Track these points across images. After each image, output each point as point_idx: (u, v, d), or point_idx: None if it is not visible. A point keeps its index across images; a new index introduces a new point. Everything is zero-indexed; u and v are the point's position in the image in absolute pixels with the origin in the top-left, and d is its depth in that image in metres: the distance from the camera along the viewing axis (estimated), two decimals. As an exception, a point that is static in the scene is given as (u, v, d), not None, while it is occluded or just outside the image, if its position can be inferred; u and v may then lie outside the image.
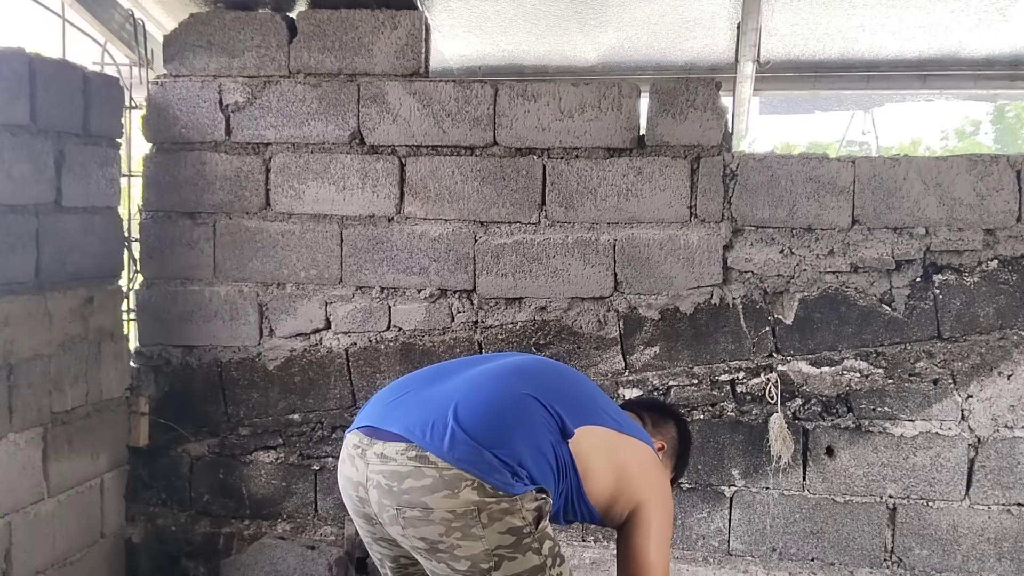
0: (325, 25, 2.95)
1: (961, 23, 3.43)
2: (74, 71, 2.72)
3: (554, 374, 1.92)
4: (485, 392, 1.75)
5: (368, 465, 1.67)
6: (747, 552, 2.87)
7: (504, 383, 1.80)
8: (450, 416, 1.67)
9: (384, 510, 1.65)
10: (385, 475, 1.64)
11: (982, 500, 2.76)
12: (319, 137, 2.95)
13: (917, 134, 14.99)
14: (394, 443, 1.65)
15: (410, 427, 1.67)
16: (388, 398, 1.82)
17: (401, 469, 1.62)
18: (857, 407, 2.79)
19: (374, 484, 1.65)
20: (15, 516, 2.48)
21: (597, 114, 2.82)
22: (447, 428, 1.64)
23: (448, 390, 1.76)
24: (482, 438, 1.64)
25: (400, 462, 1.62)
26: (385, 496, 1.64)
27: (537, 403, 1.75)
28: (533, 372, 1.88)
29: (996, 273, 2.73)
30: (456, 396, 1.73)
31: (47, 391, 2.59)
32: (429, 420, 1.67)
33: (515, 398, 1.75)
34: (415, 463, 1.62)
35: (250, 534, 3.02)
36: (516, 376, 1.83)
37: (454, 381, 1.81)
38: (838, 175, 2.75)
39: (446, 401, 1.71)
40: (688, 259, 2.82)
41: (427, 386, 1.82)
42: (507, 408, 1.72)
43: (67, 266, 2.67)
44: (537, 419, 1.73)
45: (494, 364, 1.89)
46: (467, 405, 1.70)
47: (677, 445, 2.13)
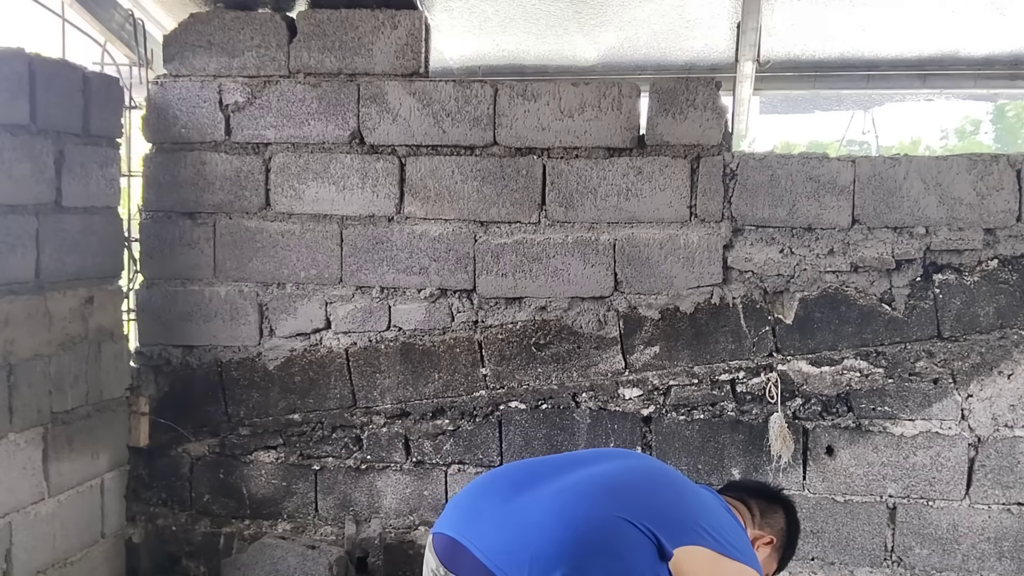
0: (325, 25, 2.94)
1: (961, 23, 3.43)
2: (74, 71, 2.72)
3: (650, 485, 1.77)
4: (573, 516, 1.61)
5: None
6: (747, 552, 2.86)
7: (595, 503, 1.66)
8: (533, 546, 1.55)
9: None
10: None
11: (982, 499, 2.76)
12: (319, 137, 2.95)
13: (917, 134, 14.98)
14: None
15: (487, 553, 1.58)
16: (472, 502, 1.73)
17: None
18: (857, 406, 2.79)
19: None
20: (15, 516, 2.48)
21: (597, 114, 2.82)
22: (527, 562, 1.54)
23: (536, 508, 1.64)
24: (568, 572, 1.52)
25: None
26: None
27: (630, 527, 1.61)
28: (627, 486, 1.74)
29: (996, 272, 2.73)
30: (542, 519, 1.61)
31: (47, 391, 2.59)
32: (511, 549, 1.57)
33: (606, 525, 1.61)
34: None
35: (250, 534, 3.02)
36: (608, 494, 1.69)
37: (542, 494, 1.67)
38: (838, 175, 2.75)
39: (530, 524, 1.60)
40: (688, 259, 2.82)
41: (514, 496, 1.69)
42: (597, 537, 1.58)
43: (67, 266, 2.67)
44: (628, 548, 1.59)
45: (585, 474, 1.75)
46: (551, 535, 1.57)
47: (785, 537, 1.98)
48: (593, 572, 1.53)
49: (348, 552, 2.95)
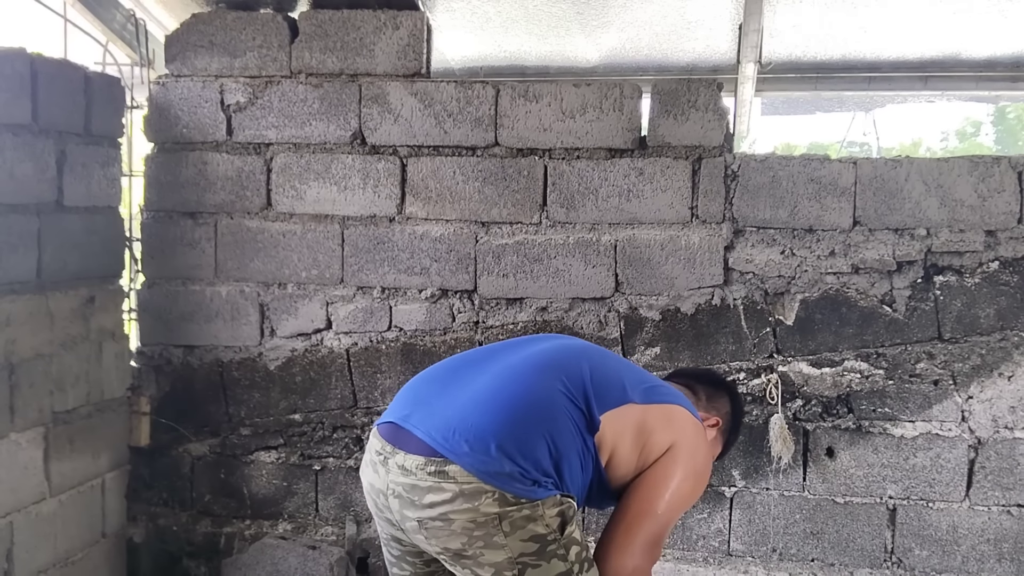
0: (327, 25, 2.95)
1: (962, 24, 3.43)
2: (76, 71, 2.73)
3: (580, 359, 1.82)
4: (509, 394, 1.71)
5: (389, 474, 1.66)
6: (747, 552, 2.87)
7: (530, 380, 1.74)
8: (471, 422, 1.64)
9: (405, 520, 1.65)
10: (406, 488, 1.63)
11: (982, 501, 2.76)
12: (320, 137, 2.95)
13: (918, 135, 15.00)
14: (414, 456, 1.64)
15: (431, 433, 1.65)
16: (416, 392, 1.80)
17: (421, 484, 1.61)
18: (857, 408, 2.79)
19: (395, 494, 1.65)
20: (17, 516, 2.48)
21: (599, 115, 2.83)
22: (467, 437, 1.62)
23: (474, 390, 1.72)
24: (504, 446, 1.61)
25: (420, 477, 1.61)
26: (407, 508, 1.64)
27: (564, 398, 1.71)
28: (558, 362, 1.80)
29: (997, 274, 2.73)
30: (480, 398, 1.69)
31: (48, 391, 2.59)
32: (451, 426, 1.64)
33: (540, 399, 1.70)
34: (435, 479, 1.60)
35: (251, 534, 3.03)
36: (543, 371, 1.77)
37: (481, 379, 1.76)
38: (839, 176, 2.75)
39: (469, 404, 1.68)
40: (689, 260, 2.82)
41: (454, 381, 1.78)
42: (531, 411, 1.68)
43: (68, 266, 2.67)
44: (562, 419, 1.69)
45: (522, 355, 1.83)
46: (489, 410, 1.67)
47: (730, 420, 2.06)
48: (527, 441, 1.63)
49: (349, 552, 2.95)
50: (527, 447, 1.63)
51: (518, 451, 1.61)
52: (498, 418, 1.65)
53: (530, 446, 1.63)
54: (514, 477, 1.60)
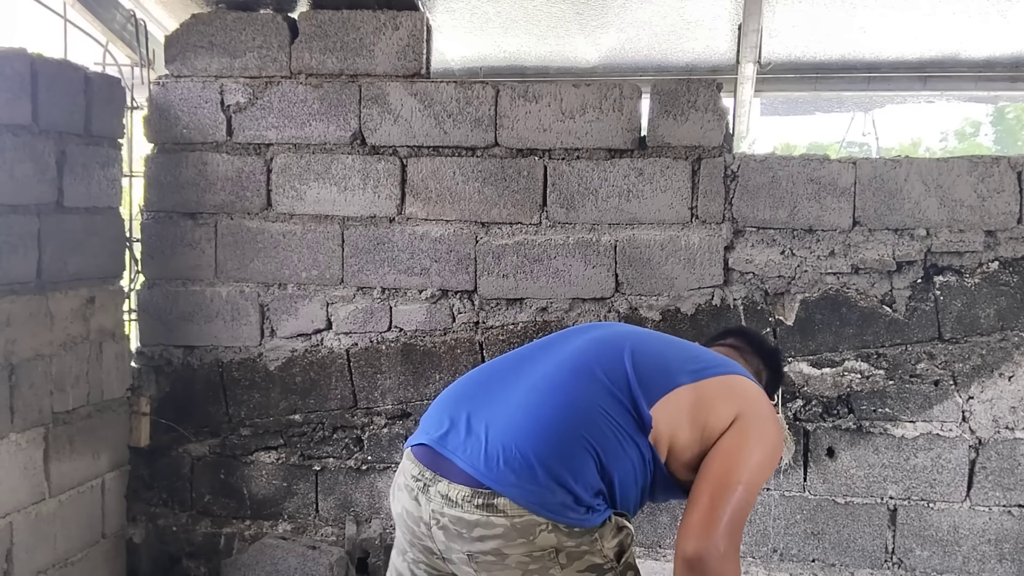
0: (326, 26, 2.95)
1: (962, 25, 3.43)
2: (76, 71, 2.73)
3: (620, 347, 1.71)
4: (549, 408, 1.60)
5: (431, 503, 1.56)
6: (748, 553, 2.87)
7: (568, 389, 1.64)
8: (513, 448, 1.54)
9: (453, 552, 1.56)
10: (452, 520, 1.53)
11: (983, 501, 2.76)
12: (320, 138, 2.95)
13: (917, 135, 15.02)
14: (459, 486, 1.54)
15: (472, 463, 1.55)
16: (450, 409, 1.68)
17: (469, 517, 1.52)
18: (858, 408, 2.79)
19: (439, 525, 1.55)
20: (16, 516, 2.48)
21: (598, 115, 2.83)
22: (512, 465, 1.52)
23: (511, 408, 1.62)
24: (551, 470, 1.51)
25: (467, 509, 1.52)
26: (454, 540, 1.54)
27: (608, 400, 1.61)
28: (599, 359, 1.69)
29: (997, 274, 2.73)
30: (518, 418, 1.59)
31: (48, 391, 2.59)
32: (492, 454, 1.54)
33: (581, 409, 1.60)
34: (483, 512, 1.51)
35: (251, 534, 3.02)
36: (580, 375, 1.66)
37: (517, 393, 1.65)
38: (839, 176, 2.76)
39: (509, 425, 1.58)
40: (689, 260, 2.82)
41: (488, 397, 1.67)
42: (573, 425, 1.57)
43: (68, 266, 2.67)
44: (608, 428, 1.59)
45: (558, 359, 1.72)
46: (530, 431, 1.56)
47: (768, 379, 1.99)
48: (573, 460, 1.54)
49: (349, 552, 2.95)
50: (575, 467, 1.53)
51: (568, 473, 1.52)
52: (540, 439, 1.55)
53: (577, 465, 1.54)
54: (567, 505, 1.51)
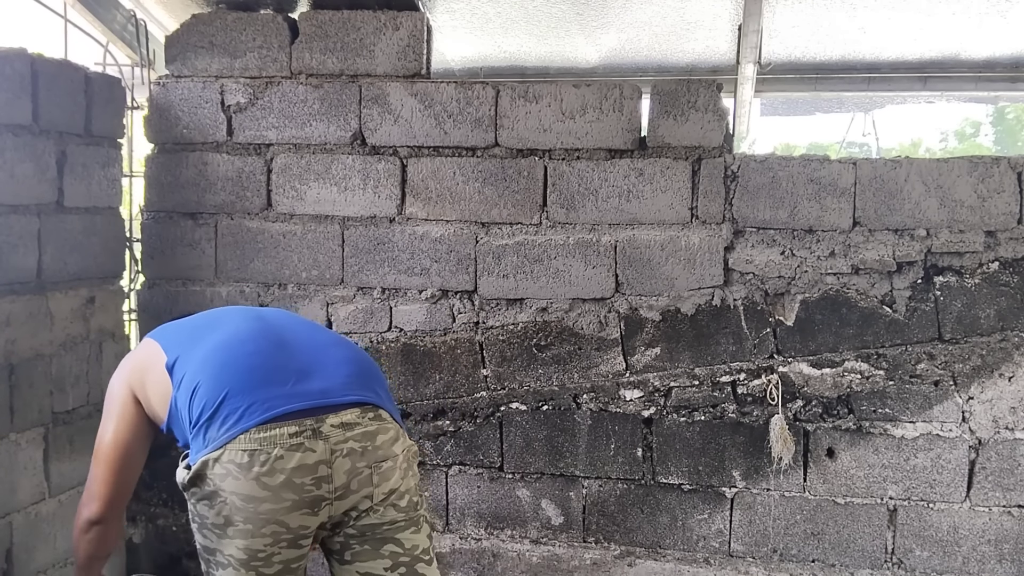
0: (327, 26, 2.95)
1: (962, 25, 3.44)
2: (76, 71, 2.73)
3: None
4: (350, 348, 1.96)
5: (330, 439, 1.71)
6: (748, 553, 2.87)
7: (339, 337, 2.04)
8: (362, 375, 1.84)
9: (355, 474, 1.73)
10: (356, 439, 1.73)
11: (983, 502, 2.76)
12: (321, 138, 2.96)
13: (917, 136, 15.04)
14: (348, 410, 1.75)
15: (344, 392, 1.77)
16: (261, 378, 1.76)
17: (370, 428, 1.75)
18: (858, 409, 2.79)
19: (344, 453, 1.71)
20: (16, 516, 2.48)
21: (598, 115, 2.83)
22: (370, 385, 1.83)
23: (318, 357, 1.86)
24: (384, 387, 1.89)
25: (365, 423, 1.75)
26: (360, 459, 1.73)
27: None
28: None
29: (997, 275, 2.73)
30: (342, 357, 1.87)
31: (48, 391, 2.59)
32: (354, 382, 1.81)
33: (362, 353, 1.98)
34: (377, 421, 1.77)
35: (251, 534, 3.02)
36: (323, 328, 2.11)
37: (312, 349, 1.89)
38: (839, 177, 2.76)
39: (342, 363, 1.85)
40: (689, 260, 2.82)
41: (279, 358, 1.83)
42: (367, 362, 1.94)
43: (69, 266, 2.67)
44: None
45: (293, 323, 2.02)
46: (361, 362, 1.89)
47: None
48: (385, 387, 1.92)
49: (348, 553, 2.94)
50: (385, 387, 1.92)
51: (388, 390, 1.91)
52: (370, 365, 1.91)
53: (386, 388, 1.92)
54: (398, 415, 1.87)
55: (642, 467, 2.89)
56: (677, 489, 2.88)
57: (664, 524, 2.90)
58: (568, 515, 2.94)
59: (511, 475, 2.96)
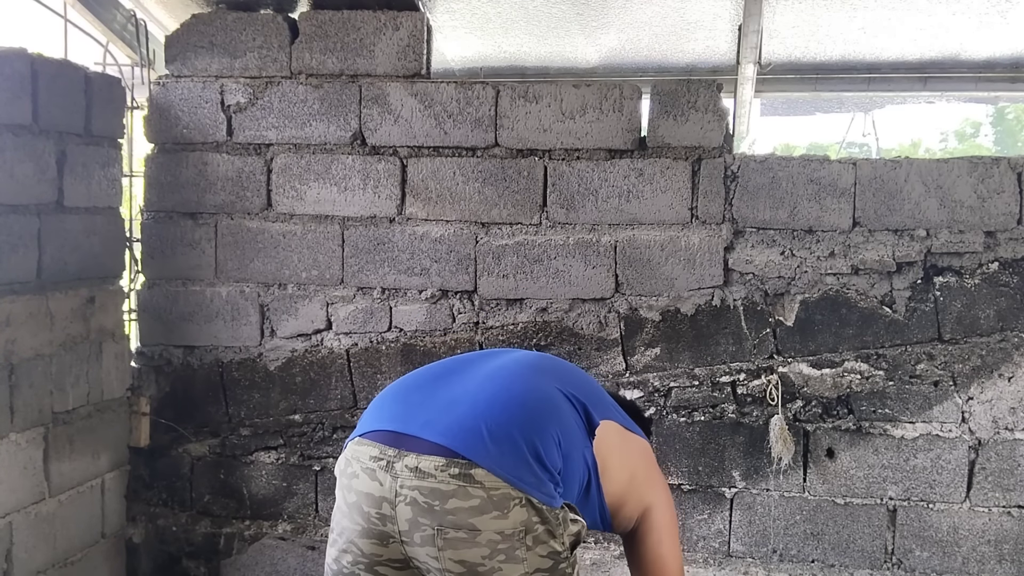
0: (327, 26, 2.95)
1: (962, 25, 3.44)
2: (76, 71, 2.73)
3: (561, 366, 1.82)
4: (514, 390, 1.61)
5: (398, 479, 1.50)
6: (747, 553, 2.87)
7: (529, 379, 1.65)
8: (489, 419, 1.52)
9: (419, 528, 1.50)
10: (423, 492, 1.47)
11: (982, 502, 2.76)
12: (320, 138, 2.95)
13: (917, 136, 15.04)
14: (430, 456, 1.49)
15: (445, 433, 1.51)
16: (400, 401, 1.65)
17: (443, 487, 1.47)
18: (858, 409, 2.79)
19: (407, 501, 1.49)
20: (16, 516, 2.48)
21: (598, 115, 2.83)
22: (491, 434, 1.50)
23: (475, 392, 1.60)
24: (528, 439, 1.51)
25: (441, 479, 1.47)
26: (423, 515, 1.48)
27: (563, 396, 1.64)
28: (546, 366, 1.76)
29: (997, 275, 2.73)
30: (487, 397, 1.58)
31: (48, 391, 2.59)
32: (466, 425, 1.52)
33: (545, 395, 1.62)
34: (459, 481, 1.47)
35: (251, 534, 3.02)
36: (535, 370, 1.70)
37: (472, 380, 1.65)
38: (839, 177, 2.76)
39: (479, 403, 1.56)
40: (689, 260, 2.82)
41: (442, 387, 1.65)
42: (541, 404, 1.59)
43: (69, 266, 2.67)
44: (568, 414, 1.62)
45: (506, 360, 1.74)
46: (503, 405, 1.56)
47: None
48: (543, 436, 1.56)
49: (348, 553, 2.95)
50: (546, 442, 1.53)
51: (541, 446, 1.52)
52: (515, 411, 1.55)
53: (548, 440, 1.54)
54: (540, 479, 1.51)
55: (642, 467, 2.89)
56: (677, 489, 2.88)
57: (664, 524, 2.90)
58: (568, 515, 2.94)
59: (511, 475, 2.95)
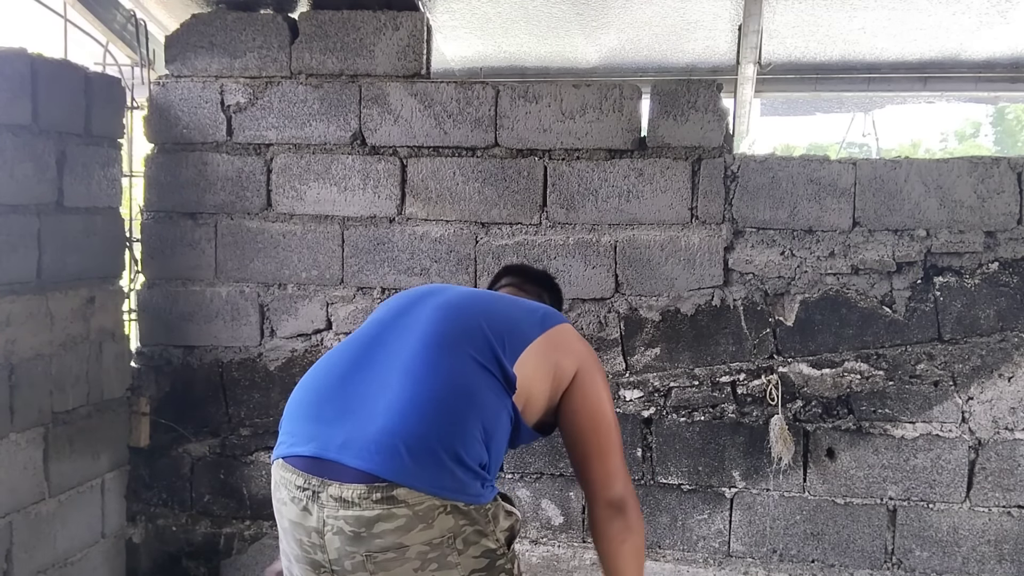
0: (327, 26, 2.95)
1: (962, 25, 3.43)
2: (76, 71, 2.73)
3: (474, 314, 1.70)
4: (430, 391, 1.55)
5: (324, 510, 1.47)
6: (747, 553, 2.87)
7: (443, 367, 1.59)
8: (406, 433, 1.47)
9: (348, 557, 1.47)
10: (349, 521, 1.45)
11: (982, 502, 2.76)
12: (320, 138, 2.95)
13: (917, 136, 15.05)
14: (352, 485, 1.45)
15: (362, 456, 1.46)
16: (313, 418, 1.58)
17: (368, 514, 1.44)
18: (858, 409, 2.79)
19: (335, 531, 1.47)
20: (16, 516, 2.48)
21: (598, 115, 2.83)
22: (410, 451, 1.46)
23: (388, 396, 1.54)
24: (450, 449, 1.48)
25: (365, 507, 1.44)
26: (351, 543, 1.46)
27: (480, 373, 1.59)
28: (460, 330, 1.66)
29: (997, 275, 2.73)
30: (401, 404, 1.52)
31: (48, 391, 2.59)
32: (383, 443, 1.47)
33: (462, 383, 1.57)
34: (383, 506, 1.44)
35: (251, 534, 3.02)
36: (448, 350, 1.61)
37: (387, 378, 1.58)
38: (839, 177, 2.76)
39: (392, 413, 1.51)
40: (689, 260, 2.82)
41: (354, 391, 1.59)
42: (459, 401, 1.55)
43: (68, 266, 2.67)
44: (488, 399, 1.58)
45: (416, 337, 1.65)
46: (421, 413, 1.51)
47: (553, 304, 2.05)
48: (466, 436, 1.51)
49: (348, 553, 2.94)
50: (467, 442, 1.51)
51: (462, 448, 1.49)
52: (431, 420, 1.50)
53: (469, 439, 1.51)
54: (462, 481, 1.48)
55: (642, 467, 2.89)
56: (677, 489, 2.88)
57: (664, 524, 2.90)
58: (568, 515, 2.94)
59: (511, 475, 2.96)
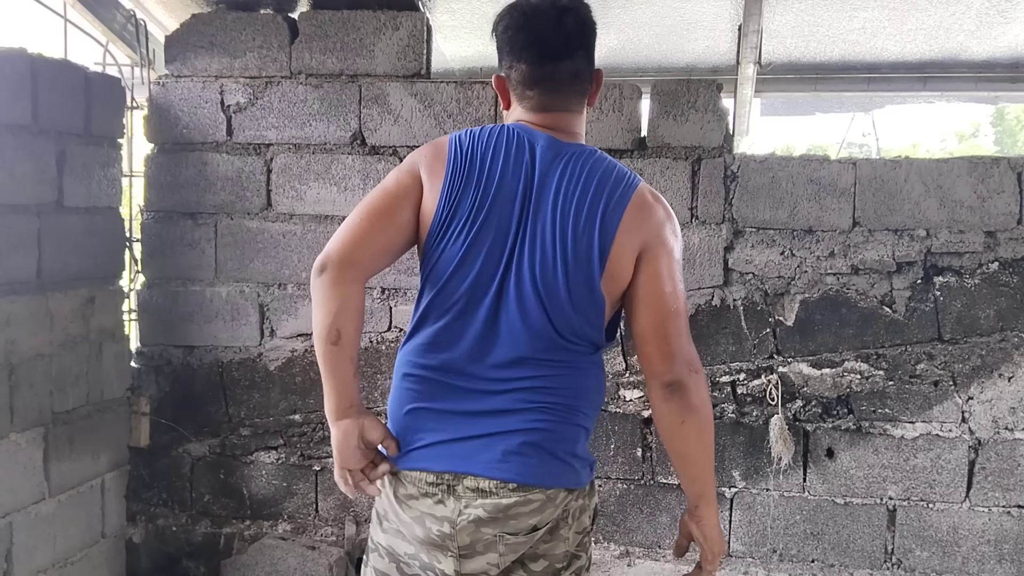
0: (327, 26, 2.95)
1: (962, 25, 3.44)
2: (76, 71, 2.73)
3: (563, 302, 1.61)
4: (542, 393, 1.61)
5: (461, 500, 1.59)
6: (747, 553, 2.87)
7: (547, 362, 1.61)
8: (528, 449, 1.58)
9: (480, 540, 1.58)
10: (488, 508, 1.57)
11: (982, 502, 2.76)
12: (320, 138, 2.95)
13: (917, 136, 15.05)
14: (487, 479, 1.58)
15: (490, 462, 1.58)
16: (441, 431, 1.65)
17: (505, 501, 1.57)
18: (858, 409, 2.79)
19: (472, 519, 1.58)
20: (16, 516, 2.48)
21: (598, 115, 2.83)
22: (536, 459, 1.57)
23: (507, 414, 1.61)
24: (565, 453, 1.59)
25: (502, 495, 1.57)
26: (486, 525, 1.57)
27: (577, 339, 1.60)
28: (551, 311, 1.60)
29: (997, 275, 2.73)
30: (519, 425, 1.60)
31: (48, 391, 2.59)
32: (512, 451, 1.58)
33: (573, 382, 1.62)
34: (518, 494, 1.56)
35: (251, 534, 3.02)
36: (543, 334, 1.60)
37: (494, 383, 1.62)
38: (839, 177, 2.76)
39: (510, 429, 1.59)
40: (689, 260, 2.82)
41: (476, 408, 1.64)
42: (570, 404, 1.61)
43: (68, 266, 2.67)
44: (591, 382, 1.64)
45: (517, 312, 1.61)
46: (540, 431, 1.59)
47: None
48: (580, 432, 1.61)
49: (348, 553, 2.95)
50: (580, 442, 1.62)
51: (579, 447, 1.62)
52: (552, 431, 1.59)
53: (580, 440, 1.63)
54: (578, 471, 1.61)
55: (642, 467, 2.89)
56: (677, 489, 2.88)
57: (664, 524, 2.90)
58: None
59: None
